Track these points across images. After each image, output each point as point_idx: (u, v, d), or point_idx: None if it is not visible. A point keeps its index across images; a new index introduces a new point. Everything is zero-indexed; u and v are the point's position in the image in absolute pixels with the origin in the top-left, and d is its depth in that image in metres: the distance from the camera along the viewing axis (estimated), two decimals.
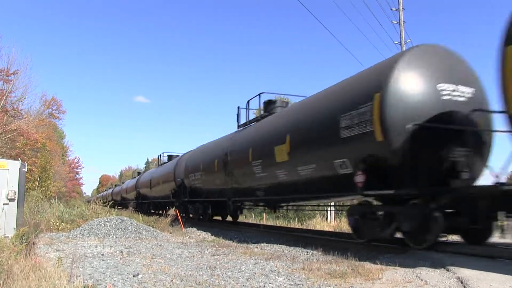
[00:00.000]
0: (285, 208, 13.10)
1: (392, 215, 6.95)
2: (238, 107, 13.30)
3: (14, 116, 23.21)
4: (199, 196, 15.46)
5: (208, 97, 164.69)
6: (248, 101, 12.77)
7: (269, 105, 11.84)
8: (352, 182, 6.98)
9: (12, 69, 23.02)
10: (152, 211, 23.10)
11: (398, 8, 18.87)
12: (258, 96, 12.42)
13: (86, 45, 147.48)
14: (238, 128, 13.31)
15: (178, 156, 20.61)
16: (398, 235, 7.28)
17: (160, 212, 23.34)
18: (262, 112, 12.21)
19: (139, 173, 33.10)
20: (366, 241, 7.67)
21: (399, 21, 18.81)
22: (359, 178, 6.83)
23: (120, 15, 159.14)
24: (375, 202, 7.61)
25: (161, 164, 23.80)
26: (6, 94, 21.84)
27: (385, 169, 6.69)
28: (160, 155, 25.24)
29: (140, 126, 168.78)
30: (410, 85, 6.52)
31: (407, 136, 6.28)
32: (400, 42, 18.65)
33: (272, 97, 12.56)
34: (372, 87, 6.81)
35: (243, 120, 13.18)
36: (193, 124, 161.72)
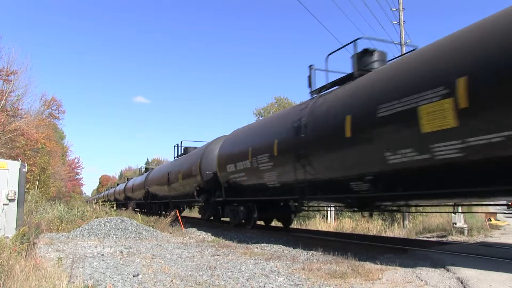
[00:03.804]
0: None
1: (206, 207, 15.79)
2: (174, 146, 20.80)
3: (14, 116, 23.14)
4: (156, 199, 23.16)
5: (208, 97, 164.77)
6: (174, 146, 20.80)
7: (185, 149, 19.77)
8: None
9: (12, 69, 23.01)
10: (137, 209, 27.83)
11: (398, 8, 18.85)
12: (180, 143, 20.54)
13: (86, 45, 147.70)
14: (174, 158, 21.24)
15: (151, 168, 29.20)
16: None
17: (142, 210, 28.36)
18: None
19: (128, 179, 41.07)
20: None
21: (399, 21, 18.77)
22: (195, 193, 15.23)
23: (120, 15, 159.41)
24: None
25: (141, 174, 32.29)
26: (6, 94, 21.77)
27: (203, 189, 15.07)
28: (141, 167, 34.99)
29: (140, 126, 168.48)
30: (212, 156, 14.55)
31: (209, 176, 14.58)
32: (400, 42, 18.60)
33: (189, 145, 20.62)
34: (199, 155, 15.65)
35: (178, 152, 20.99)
36: (193, 124, 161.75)
